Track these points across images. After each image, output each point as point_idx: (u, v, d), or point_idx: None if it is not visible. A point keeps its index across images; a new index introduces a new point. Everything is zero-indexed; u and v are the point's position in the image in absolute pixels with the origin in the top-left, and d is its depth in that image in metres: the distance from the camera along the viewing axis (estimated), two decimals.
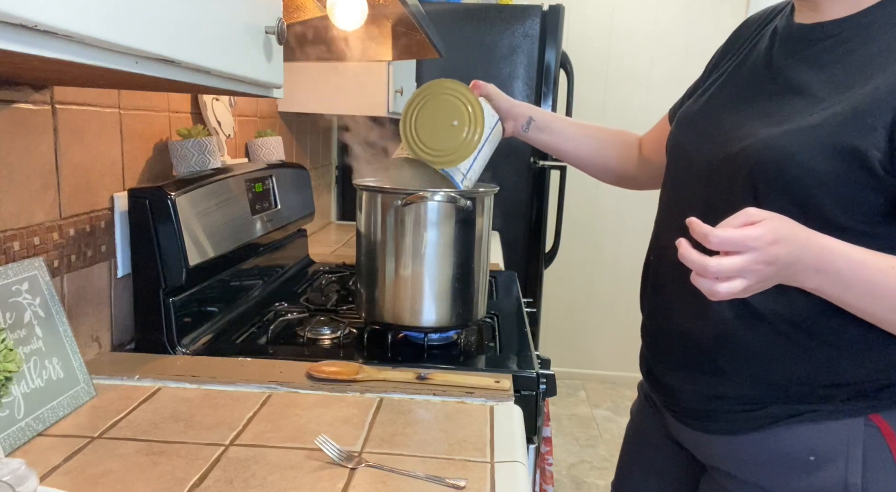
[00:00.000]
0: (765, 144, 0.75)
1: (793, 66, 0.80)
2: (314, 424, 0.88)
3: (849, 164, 0.70)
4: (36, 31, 0.44)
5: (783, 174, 0.74)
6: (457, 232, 1.14)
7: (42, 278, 0.89)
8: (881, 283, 0.68)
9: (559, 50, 2.58)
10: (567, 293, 3.53)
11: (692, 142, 0.89)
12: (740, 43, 0.93)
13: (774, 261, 0.66)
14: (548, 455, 1.32)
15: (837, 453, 0.76)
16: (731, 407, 0.83)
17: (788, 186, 0.74)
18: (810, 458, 0.77)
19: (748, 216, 0.68)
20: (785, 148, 0.73)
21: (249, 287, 1.43)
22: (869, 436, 0.75)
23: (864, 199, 0.71)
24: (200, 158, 1.25)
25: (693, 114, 0.92)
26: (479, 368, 1.10)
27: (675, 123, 0.95)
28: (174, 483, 0.73)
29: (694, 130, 0.90)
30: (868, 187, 0.70)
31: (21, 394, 0.81)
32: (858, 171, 0.70)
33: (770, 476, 0.81)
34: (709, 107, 0.90)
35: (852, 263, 0.68)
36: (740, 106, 0.84)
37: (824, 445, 0.77)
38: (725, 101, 0.88)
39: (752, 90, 0.85)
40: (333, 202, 2.73)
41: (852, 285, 0.69)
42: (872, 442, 0.75)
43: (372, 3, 1.24)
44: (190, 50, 0.63)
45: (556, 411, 3.18)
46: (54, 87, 0.96)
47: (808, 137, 0.72)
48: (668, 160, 0.95)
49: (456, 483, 0.74)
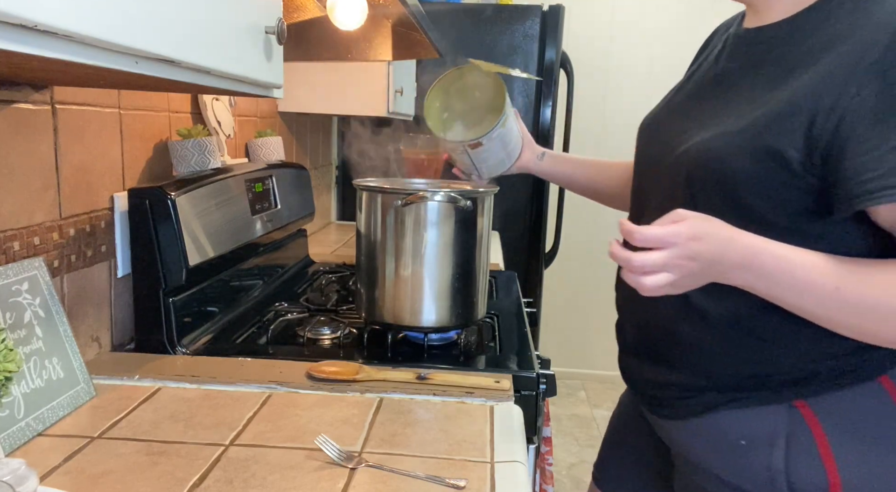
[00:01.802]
0: (698, 148, 0.79)
1: (734, 70, 0.84)
2: (314, 424, 0.88)
3: (771, 164, 0.72)
4: (36, 31, 0.44)
5: (714, 176, 0.77)
6: (457, 232, 1.14)
7: (42, 278, 0.89)
8: (803, 278, 0.71)
9: (559, 50, 2.58)
10: (567, 293, 3.53)
11: (647, 148, 0.94)
12: (706, 50, 0.97)
13: (696, 256, 0.70)
14: (548, 455, 1.32)
15: (764, 438, 0.79)
16: (677, 394, 0.88)
17: (719, 187, 0.77)
18: (741, 442, 0.81)
19: (676, 216, 0.72)
20: (714, 151, 0.77)
21: (249, 287, 1.43)
22: (793, 421, 0.78)
23: (789, 197, 0.74)
24: (200, 158, 1.25)
25: (649, 120, 0.97)
26: (479, 368, 1.10)
27: (637, 131, 0.99)
28: (174, 483, 0.73)
29: (648, 136, 0.95)
30: (791, 186, 0.73)
31: (21, 394, 0.81)
32: (781, 171, 0.72)
33: (712, 459, 0.85)
34: (663, 113, 0.95)
35: (776, 259, 0.71)
36: (688, 111, 0.88)
37: (753, 429, 0.80)
38: (677, 107, 0.92)
39: (699, 95, 0.88)
40: (333, 202, 2.73)
41: (779, 281, 0.72)
42: (796, 427, 0.78)
43: (372, 3, 1.24)
44: (190, 50, 0.63)
45: (556, 411, 3.18)
46: (54, 87, 0.96)
47: (735, 139, 0.75)
48: (633, 166, 0.99)
49: (456, 483, 0.74)
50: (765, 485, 0.80)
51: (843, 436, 0.77)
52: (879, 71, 0.66)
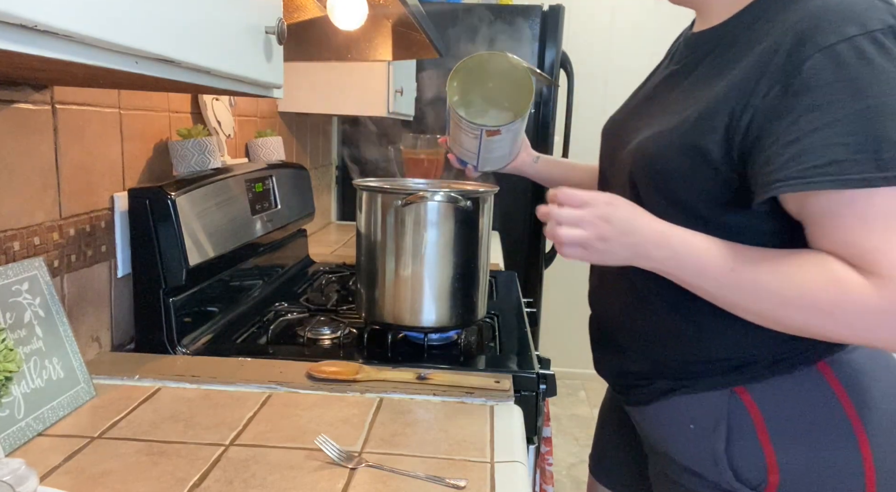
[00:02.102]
0: (638, 146, 0.85)
1: (677, 72, 0.89)
2: (314, 424, 0.88)
3: (697, 161, 0.77)
4: (36, 31, 0.44)
5: (650, 172, 0.82)
6: (457, 232, 1.14)
7: (42, 278, 0.89)
8: (705, 258, 0.76)
9: (559, 50, 2.58)
10: (567, 293, 3.52)
11: (605, 147, 1.00)
12: (667, 54, 1.01)
13: (609, 219, 0.77)
14: (548, 455, 1.32)
15: (709, 422, 0.83)
16: (634, 382, 0.93)
17: (655, 183, 0.82)
18: (691, 426, 0.85)
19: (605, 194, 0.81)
20: (650, 148, 0.82)
21: (249, 287, 1.43)
22: (733, 406, 0.82)
23: (715, 192, 0.78)
24: (200, 158, 1.25)
25: (609, 122, 1.02)
26: (479, 368, 1.10)
27: (601, 135, 1.04)
28: (174, 483, 0.73)
29: (607, 137, 1.00)
30: (716, 181, 0.77)
31: (21, 394, 0.82)
32: (705, 166, 0.77)
33: (668, 443, 0.90)
34: (621, 114, 1.00)
35: (683, 240, 0.77)
36: (639, 112, 0.93)
37: (699, 415, 0.84)
38: (632, 108, 0.97)
39: (649, 96, 0.94)
40: (333, 202, 2.73)
41: (685, 261, 0.76)
42: (736, 412, 0.81)
43: (372, 3, 1.24)
44: (190, 50, 0.63)
45: (556, 411, 3.18)
46: (54, 87, 0.96)
47: (667, 138, 0.80)
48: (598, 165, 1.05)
49: (456, 483, 0.74)
50: (711, 468, 0.83)
51: (781, 420, 0.80)
52: (783, 73, 0.71)
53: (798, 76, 0.69)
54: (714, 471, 0.83)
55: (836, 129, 0.67)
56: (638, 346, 0.91)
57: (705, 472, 0.84)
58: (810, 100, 0.68)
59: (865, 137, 0.66)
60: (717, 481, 0.83)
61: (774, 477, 0.79)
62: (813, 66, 0.68)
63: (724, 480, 0.82)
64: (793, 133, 0.69)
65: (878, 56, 0.67)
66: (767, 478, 0.80)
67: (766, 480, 0.80)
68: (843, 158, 0.66)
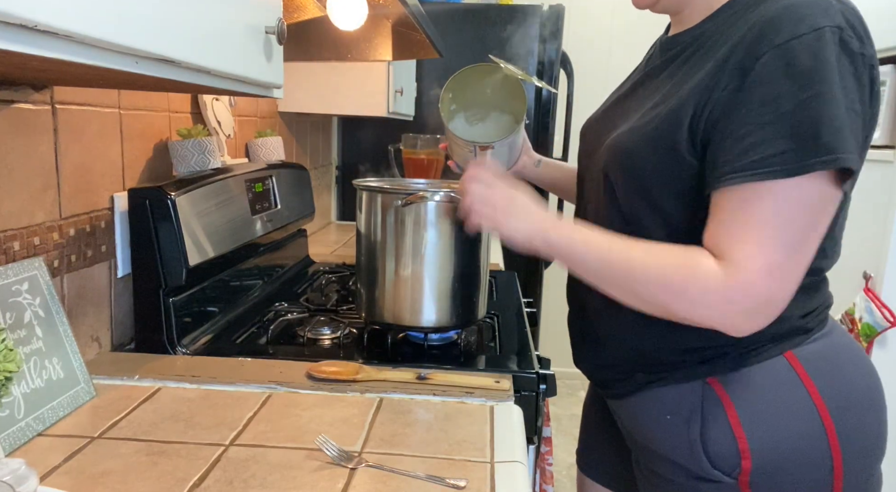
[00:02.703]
0: (612, 142, 0.88)
1: (651, 73, 0.93)
2: (314, 424, 0.88)
3: (667, 155, 0.81)
4: (36, 31, 0.44)
5: (621, 166, 0.86)
6: (457, 232, 1.14)
7: (42, 278, 0.89)
8: (588, 234, 0.84)
9: (559, 50, 2.58)
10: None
11: (582, 145, 1.03)
12: (644, 58, 1.04)
13: (492, 184, 0.92)
14: (548, 455, 1.32)
15: (684, 412, 0.87)
16: (612, 375, 0.96)
17: (626, 177, 0.86)
18: (667, 417, 0.89)
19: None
20: (623, 143, 0.86)
21: (249, 287, 1.43)
22: (707, 397, 0.85)
23: (683, 185, 0.81)
24: (200, 158, 1.25)
25: (587, 122, 1.06)
26: (479, 368, 1.10)
27: (579, 134, 1.07)
28: (174, 483, 0.73)
29: (585, 136, 1.04)
30: (683, 174, 0.81)
31: (21, 394, 0.81)
32: (674, 160, 0.81)
33: (646, 434, 0.93)
34: (598, 114, 1.04)
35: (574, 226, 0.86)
36: (615, 111, 0.97)
37: (674, 405, 0.88)
38: (608, 108, 1.00)
39: (625, 96, 0.97)
40: (333, 202, 2.73)
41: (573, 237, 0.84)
42: (709, 402, 0.85)
43: (372, 3, 1.24)
44: (190, 50, 0.63)
45: (556, 411, 3.18)
46: (54, 87, 0.96)
47: (638, 133, 0.84)
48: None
49: (456, 483, 0.74)
50: (688, 457, 0.86)
51: (750, 407, 0.83)
52: (740, 68, 0.75)
53: (752, 72, 0.73)
54: (691, 459, 0.86)
55: (783, 122, 0.70)
56: (616, 339, 0.93)
57: (683, 461, 0.87)
58: (760, 95, 0.72)
59: (809, 125, 0.70)
60: (695, 470, 0.86)
61: (747, 462, 0.82)
62: (765, 63, 0.72)
63: (701, 467, 0.85)
64: (744, 128, 0.73)
65: (825, 50, 0.71)
66: (741, 464, 0.82)
67: (739, 465, 0.83)
68: (784, 148, 0.70)
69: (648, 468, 0.95)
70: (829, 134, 0.69)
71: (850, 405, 0.83)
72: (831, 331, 0.87)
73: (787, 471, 0.82)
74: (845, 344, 0.88)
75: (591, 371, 1.03)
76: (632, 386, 0.93)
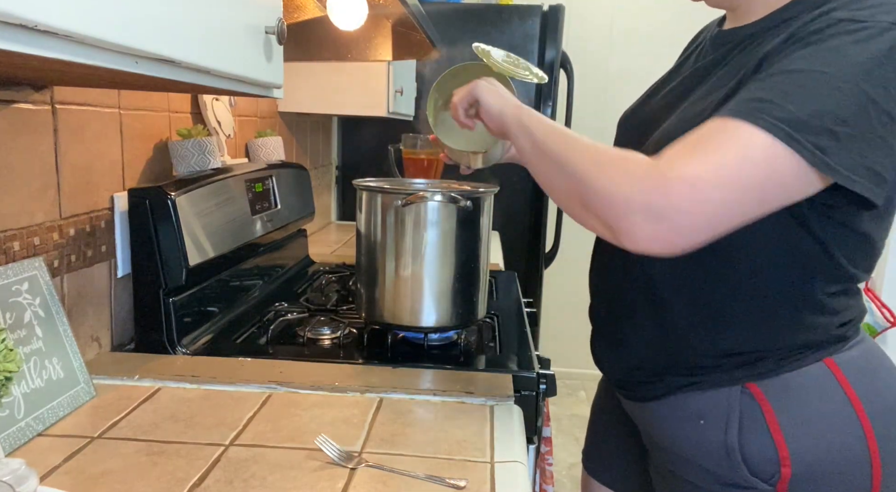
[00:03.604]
0: (662, 133, 0.86)
1: (703, 67, 0.91)
2: (314, 424, 0.88)
3: None
4: (36, 31, 0.44)
5: None
6: (457, 232, 1.14)
7: (42, 278, 0.89)
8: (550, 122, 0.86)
9: (559, 50, 2.58)
10: (567, 293, 3.52)
11: (623, 137, 1.01)
12: (690, 48, 1.02)
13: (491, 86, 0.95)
14: (548, 455, 1.32)
15: (719, 417, 0.85)
16: (641, 378, 0.93)
17: None
18: (700, 422, 0.86)
19: None
20: (673, 134, 0.82)
21: (249, 287, 1.43)
22: (744, 402, 0.83)
23: None
24: (200, 158, 1.25)
25: (628, 113, 1.03)
26: (479, 368, 1.10)
27: (617, 123, 1.05)
28: (174, 483, 0.73)
29: (626, 127, 1.02)
30: None
31: (21, 394, 0.82)
32: None
33: (675, 439, 0.90)
34: (640, 106, 1.02)
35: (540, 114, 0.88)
36: (663, 105, 0.94)
37: (709, 410, 0.86)
38: (654, 101, 0.98)
39: (673, 90, 0.95)
40: (333, 202, 2.73)
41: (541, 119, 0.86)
42: (747, 407, 0.83)
43: (372, 3, 1.24)
44: (190, 50, 0.63)
45: (556, 411, 3.18)
46: (54, 88, 0.96)
47: (689, 124, 0.80)
48: None
49: (456, 483, 0.74)
50: (722, 461, 0.84)
51: (790, 413, 0.81)
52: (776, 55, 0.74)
53: (786, 57, 0.73)
54: (727, 466, 0.84)
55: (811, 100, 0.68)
56: (652, 339, 0.90)
57: (715, 467, 0.85)
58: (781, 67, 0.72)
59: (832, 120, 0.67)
60: (727, 476, 0.84)
61: (787, 469, 0.81)
62: (797, 50, 0.73)
63: (738, 474, 0.83)
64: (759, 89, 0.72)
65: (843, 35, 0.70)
66: (780, 470, 0.81)
67: (778, 472, 0.81)
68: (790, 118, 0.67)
69: (671, 474, 0.93)
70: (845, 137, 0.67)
71: (886, 410, 0.82)
72: (864, 338, 0.86)
73: (827, 478, 0.81)
74: (877, 350, 0.87)
75: (615, 372, 0.99)
76: (661, 389, 0.90)
